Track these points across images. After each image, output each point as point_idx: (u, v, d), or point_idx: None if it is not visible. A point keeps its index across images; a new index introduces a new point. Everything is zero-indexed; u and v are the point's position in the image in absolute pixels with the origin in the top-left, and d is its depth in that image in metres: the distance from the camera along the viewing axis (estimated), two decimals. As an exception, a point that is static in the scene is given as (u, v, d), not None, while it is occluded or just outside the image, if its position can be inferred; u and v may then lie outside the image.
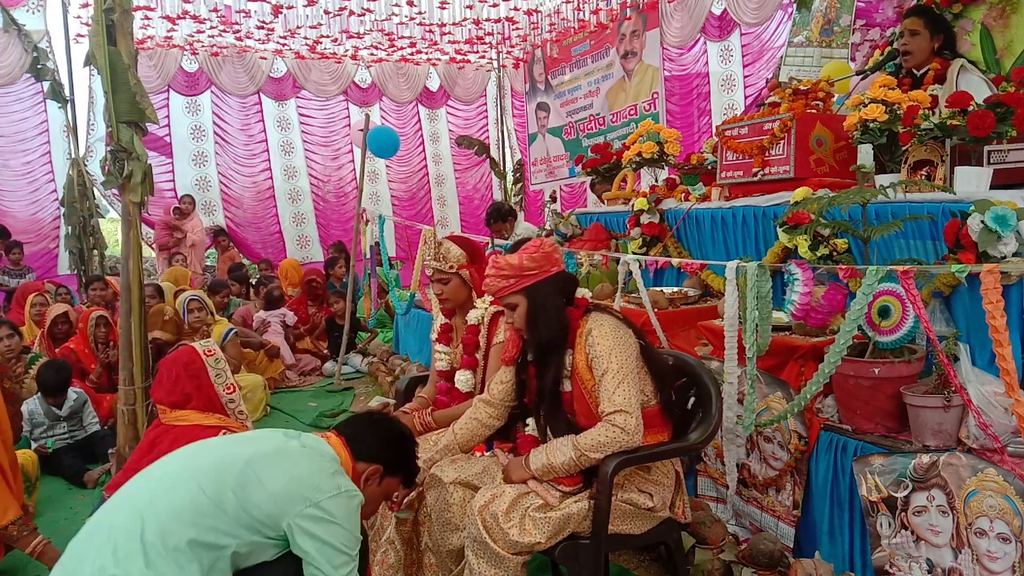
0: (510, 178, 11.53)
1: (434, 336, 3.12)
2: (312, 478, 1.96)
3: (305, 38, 9.64)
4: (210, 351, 2.91)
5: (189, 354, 2.90)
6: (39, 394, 4.43)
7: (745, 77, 7.63)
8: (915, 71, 3.69)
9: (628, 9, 8.45)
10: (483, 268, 3.06)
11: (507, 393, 2.51)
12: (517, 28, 9.66)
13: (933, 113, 3.00)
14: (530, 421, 2.47)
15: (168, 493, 1.89)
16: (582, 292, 2.41)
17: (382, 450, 2.18)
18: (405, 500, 2.57)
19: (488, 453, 2.57)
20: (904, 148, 3.07)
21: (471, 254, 2.97)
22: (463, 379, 2.92)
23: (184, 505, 1.85)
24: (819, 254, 3.10)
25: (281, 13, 8.40)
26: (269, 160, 10.80)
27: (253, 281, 8.11)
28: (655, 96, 8.22)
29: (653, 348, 2.43)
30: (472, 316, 2.93)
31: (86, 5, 7.77)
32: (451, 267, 2.90)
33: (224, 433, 2.75)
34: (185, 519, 1.84)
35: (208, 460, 1.98)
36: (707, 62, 7.94)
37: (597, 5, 8.72)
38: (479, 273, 3.00)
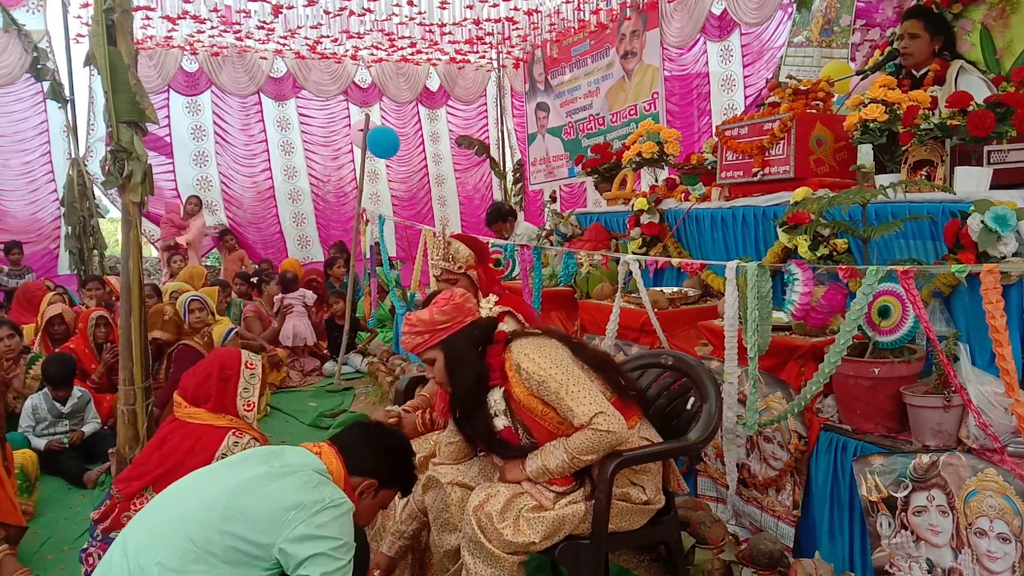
0: (510, 178, 11.53)
1: None
2: (294, 497, 1.94)
3: (305, 38, 9.63)
4: (251, 364, 2.92)
5: (232, 359, 2.91)
6: (44, 389, 4.45)
7: (745, 77, 7.62)
8: (914, 72, 3.69)
9: (628, 9, 8.44)
10: (490, 268, 3.06)
11: (459, 452, 2.49)
12: (517, 28, 9.65)
13: (933, 114, 3.00)
14: None
15: (159, 544, 1.90)
16: (499, 327, 2.38)
17: (378, 465, 2.18)
18: None
19: (483, 453, 2.56)
20: (904, 148, 3.07)
21: (479, 254, 2.97)
22: None
23: (174, 556, 1.87)
24: (819, 254, 3.10)
25: (281, 13, 8.39)
26: (269, 160, 10.79)
27: (254, 280, 8.11)
28: (655, 96, 8.21)
29: (582, 344, 2.41)
30: None
31: (86, 5, 7.77)
32: (460, 268, 2.90)
33: (234, 433, 2.77)
34: (176, 569, 1.85)
35: (194, 502, 1.97)
36: (707, 62, 7.92)
37: (597, 5, 8.71)
38: (486, 273, 3.01)
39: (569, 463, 2.18)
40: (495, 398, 2.32)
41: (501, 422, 2.31)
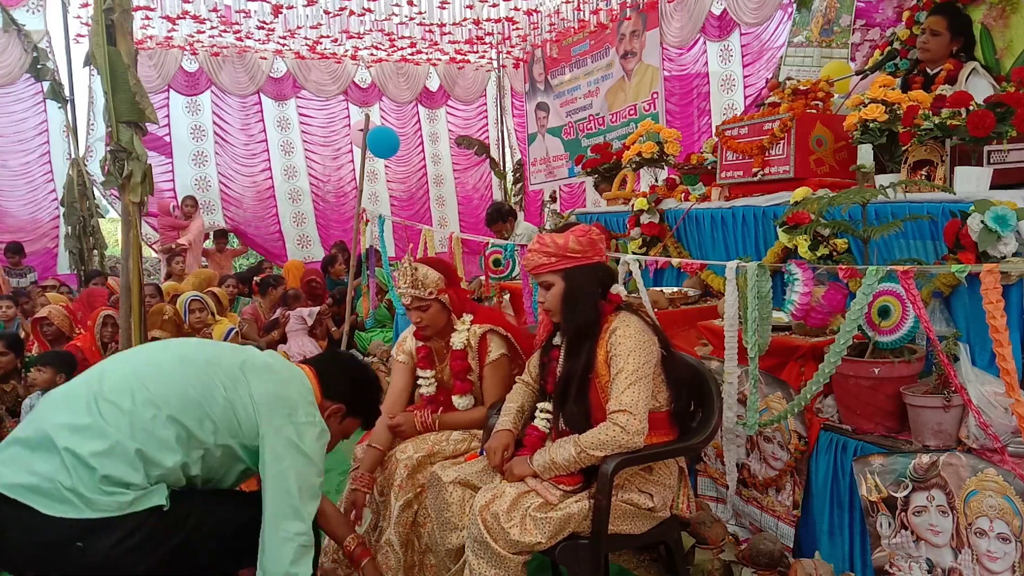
0: (510, 178, 11.52)
1: (400, 357, 3.00)
2: (294, 397, 2.00)
3: (305, 38, 9.63)
4: None
5: None
6: (40, 391, 4.44)
7: (745, 77, 7.62)
8: (928, 70, 3.69)
9: (628, 9, 8.44)
10: (460, 289, 2.94)
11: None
12: (517, 28, 9.65)
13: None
14: (539, 414, 2.47)
15: (160, 378, 1.90)
16: (617, 289, 2.40)
17: (349, 391, 2.24)
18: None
19: (482, 455, 2.56)
20: (904, 148, 3.07)
21: (448, 277, 2.86)
22: (463, 404, 2.88)
23: (173, 394, 1.87)
24: (819, 254, 3.09)
25: (281, 13, 8.39)
26: (269, 160, 10.79)
27: (258, 279, 8.11)
28: (655, 96, 8.21)
29: (677, 356, 2.43)
30: (456, 341, 2.84)
31: (86, 5, 7.76)
32: (431, 293, 2.78)
33: None
34: (173, 405, 1.86)
35: (201, 355, 2.00)
36: (707, 62, 7.92)
37: (597, 5, 8.71)
38: (457, 294, 2.88)
39: (576, 457, 2.18)
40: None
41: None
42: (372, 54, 10.79)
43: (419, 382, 2.95)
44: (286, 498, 1.90)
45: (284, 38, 9.65)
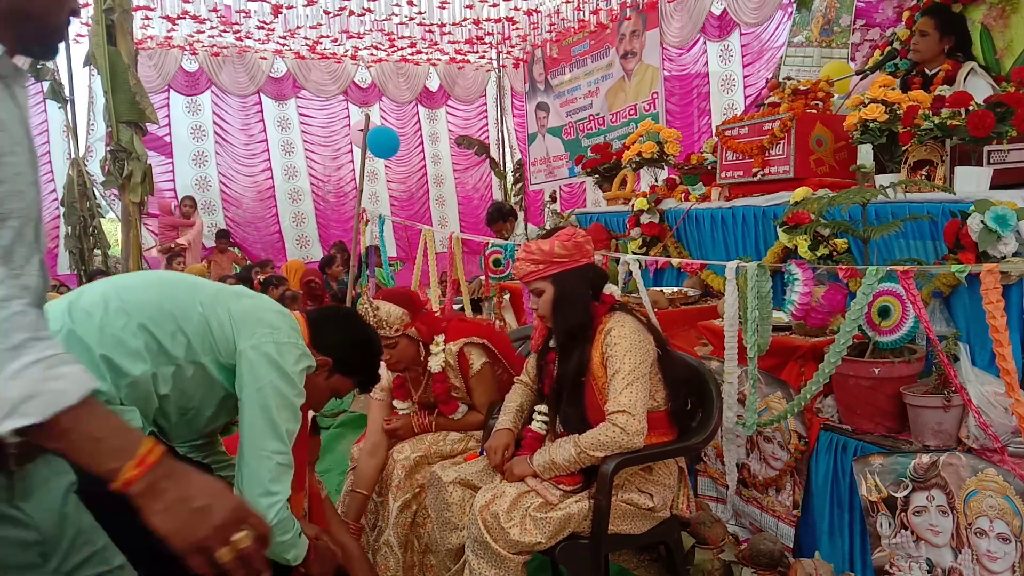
0: (510, 178, 11.52)
1: (377, 395, 2.94)
2: (277, 321, 1.92)
3: (305, 38, 9.63)
4: None
5: None
6: None
7: (745, 77, 7.62)
8: (926, 71, 3.69)
9: (628, 9, 8.45)
10: (426, 317, 2.87)
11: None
12: (517, 28, 9.65)
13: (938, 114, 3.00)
14: (536, 416, 2.47)
15: (136, 291, 1.88)
16: (610, 289, 2.40)
17: (337, 346, 2.11)
18: None
19: (482, 455, 2.56)
20: (904, 148, 3.07)
21: (412, 309, 2.78)
22: (456, 418, 2.87)
23: (147, 304, 1.84)
24: (819, 254, 3.10)
25: (281, 13, 8.40)
26: (269, 160, 10.79)
27: (262, 278, 8.11)
28: (655, 96, 8.21)
29: (674, 355, 2.43)
30: (434, 365, 2.80)
31: (86, 5, 7.75)
32: (397, 330, 2.72)
33: None
34: (145, 314, 1.82)
35: (183, 279, 1.99)
36: (707, 62, 7.92)
37: (597, 5, 8.71)
38: (424, 323, 2.83)
39: (576, 458, 2.18)
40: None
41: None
42: (372, 54, 10.79)
43: (397, 411, 2.92)
44: (264, 414, 1.83)
45: (284, 38, 9.65)
